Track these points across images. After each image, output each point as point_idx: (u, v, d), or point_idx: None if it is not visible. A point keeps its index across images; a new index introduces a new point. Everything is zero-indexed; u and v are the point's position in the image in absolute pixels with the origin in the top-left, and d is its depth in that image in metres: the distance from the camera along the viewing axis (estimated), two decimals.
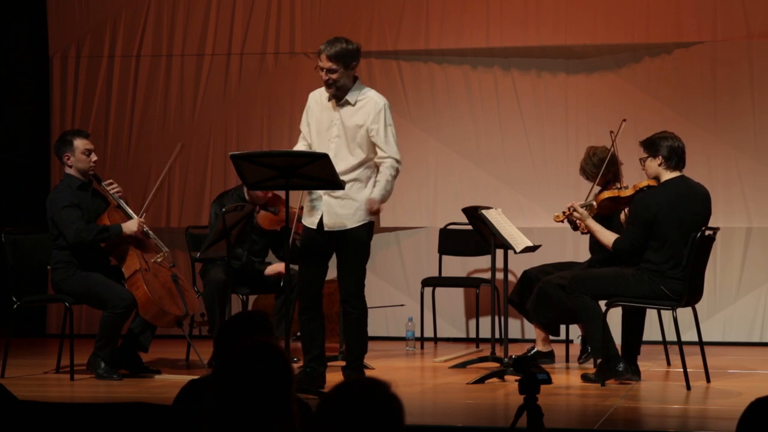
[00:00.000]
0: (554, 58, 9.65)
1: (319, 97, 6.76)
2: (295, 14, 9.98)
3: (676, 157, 7.01)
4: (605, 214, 7.42)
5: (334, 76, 6.57)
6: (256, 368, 2.84)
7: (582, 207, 7.31)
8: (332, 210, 6.63)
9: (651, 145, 7.03)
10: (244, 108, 10.05)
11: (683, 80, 9.46)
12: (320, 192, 6.61)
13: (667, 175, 7.03)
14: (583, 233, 7.63)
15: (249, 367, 2.84)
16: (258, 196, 8.11)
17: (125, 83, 10.19)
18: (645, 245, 6.97)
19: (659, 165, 7.01)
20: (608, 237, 7.15)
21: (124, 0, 10.19)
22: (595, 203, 7.33)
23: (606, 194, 7.32)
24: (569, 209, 7.34)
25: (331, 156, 6.38)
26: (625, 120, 7.61)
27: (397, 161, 6.64)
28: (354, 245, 6.64)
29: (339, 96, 6.62)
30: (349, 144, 6.60)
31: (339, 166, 6.44)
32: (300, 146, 6.79)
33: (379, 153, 6.62)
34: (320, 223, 6.64)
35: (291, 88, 9.85)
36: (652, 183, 7.08)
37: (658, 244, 6.93)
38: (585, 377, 7.16)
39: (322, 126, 6.68)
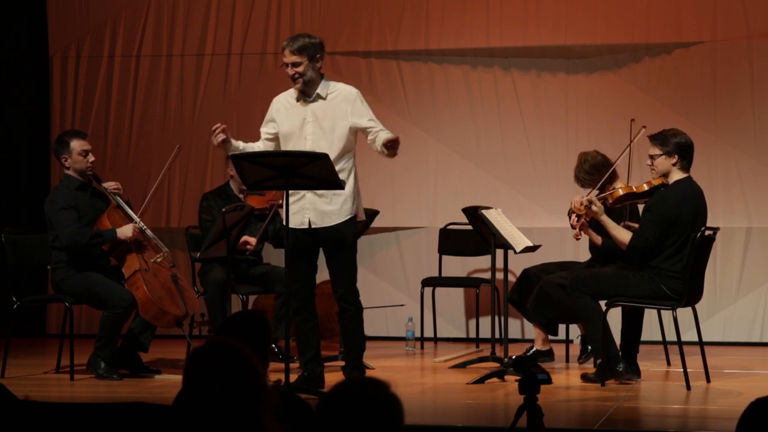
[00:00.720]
0: (554, 58, 9.64)
1: (284, 99, 6.80)
2: (295, 14, 9.97)
3: (689, 157, 6.97)
4: (617, 208, 7.33)
5: (299, 69, 6.62)
6: (210, 371, 2.81)
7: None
8: (318, 208, 6.64)
9: (665, 143, 6.95)
10: (244, 108, 10.04)
11: (683, 80, 9.45)
12: (303, 191, 6.62)
13: (678, 175, 6.97)
14: (577, 239, 7.42)
15: (204, 370, 2.81)
16: None
17: (125, 83, 10.18)
18: (661, 244, 6.92)
19: (674, 164, 6.96)
20: (623, 235, 7.02)
21: (124, 0, 10.19)
22: (609, 198, 7.23)
23: (620, 190, 7.21)
24: (588, 201, 7.12)
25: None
26: (645, 127, 7.39)
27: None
28: (343, 243, 6.66)
29: (308, 92, 6.66)
30: (326, 137, 6.62)
31: None
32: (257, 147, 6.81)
33: (372, 129, 6.62)
34: (307, 222, 6.66)
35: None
36: (663, 181, 7.03)
37: (671, 241, 6.88)
38: (585, 377, 7.16)
39: (295, 125, 6.70)
